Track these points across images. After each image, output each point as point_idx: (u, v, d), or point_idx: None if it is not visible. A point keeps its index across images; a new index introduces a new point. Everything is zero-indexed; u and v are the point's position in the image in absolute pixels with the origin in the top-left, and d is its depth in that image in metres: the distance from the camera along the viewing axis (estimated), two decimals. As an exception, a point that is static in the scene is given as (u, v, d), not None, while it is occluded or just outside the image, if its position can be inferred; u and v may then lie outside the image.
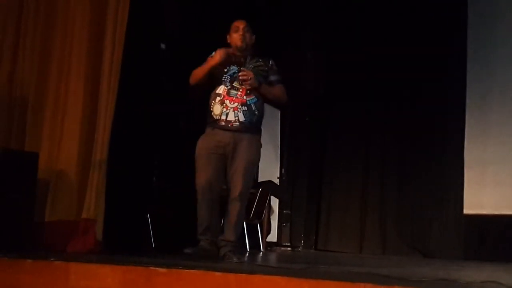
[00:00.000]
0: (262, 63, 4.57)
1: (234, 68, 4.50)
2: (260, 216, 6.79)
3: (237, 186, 4.34)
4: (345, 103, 7.66)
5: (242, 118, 4.39)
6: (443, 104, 7.00)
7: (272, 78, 4.58)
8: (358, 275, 3.44)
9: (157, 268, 3.30)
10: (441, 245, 6.80)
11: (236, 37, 4.55)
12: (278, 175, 8.04)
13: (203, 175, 4.36)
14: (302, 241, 7.90)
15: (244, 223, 6.48)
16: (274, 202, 7.74)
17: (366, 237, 7.33)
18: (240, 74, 4.42)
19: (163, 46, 6.20)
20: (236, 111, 4.39)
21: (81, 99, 5.15)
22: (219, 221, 4.49)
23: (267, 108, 4.68)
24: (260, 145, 4.61)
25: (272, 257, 6.18)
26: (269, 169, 7.84)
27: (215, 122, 4.41)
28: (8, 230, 4.57)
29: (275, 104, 4.78)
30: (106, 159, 4.89)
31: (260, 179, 7.50)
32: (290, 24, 7.92)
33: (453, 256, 6.60)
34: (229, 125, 4.38)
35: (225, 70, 4.49)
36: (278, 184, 7.86)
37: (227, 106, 4.39)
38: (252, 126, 4.45)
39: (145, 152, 5.93)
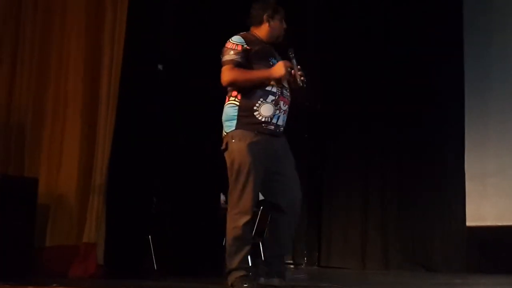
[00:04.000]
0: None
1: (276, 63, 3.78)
2: (262, 234, 6.76)
3: (298, 197, 3.82)
4: (343, 119, 7.66)
5: (284, 124, 3.81)
6: (442, 118, 7.00)
7: None
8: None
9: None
10: (443, 259, 6.77)
11: (281, 29, 3.99)
12: (279, 193, 8.00)
13: (253, 195, 3.70)
14: (305, 258, 7.87)
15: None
16: (276, 220, 7.69)
17: (368, 253, 7.30)
18: (300, 73, 3.71)
19: (160, 67, 6.20)
20: (285, 115, 3.78)
21: (79, 123, 5.15)
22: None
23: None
24: None
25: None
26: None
27: (261, 125, 3.66)
28: (8, 256, 4.56)
29: (295, 106, 3.99)
30: (105, 183, 4.88)
31: (261, 197, 7.46)
32: (285, 40, 7.93)
33: (456, 269, 6.57)
34: (277, 130, 3.74)
35: (270, 63, 3.78)
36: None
37: (281, 108, 3.73)
38: None
39: (145, 174, 5.91)
